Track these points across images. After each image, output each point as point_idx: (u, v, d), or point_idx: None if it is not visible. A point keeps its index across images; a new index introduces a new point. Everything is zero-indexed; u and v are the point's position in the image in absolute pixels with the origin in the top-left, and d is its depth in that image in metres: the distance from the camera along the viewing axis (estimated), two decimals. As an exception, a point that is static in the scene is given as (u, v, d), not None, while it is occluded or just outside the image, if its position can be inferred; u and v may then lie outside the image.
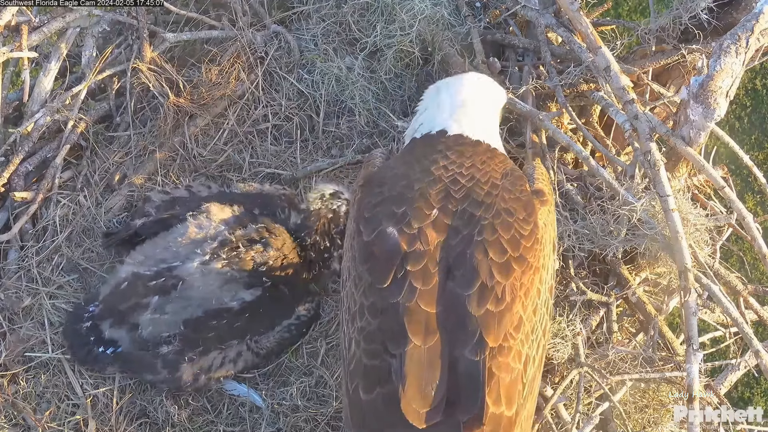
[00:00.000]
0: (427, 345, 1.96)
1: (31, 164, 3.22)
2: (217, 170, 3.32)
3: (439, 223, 2.11)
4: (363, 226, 2.15)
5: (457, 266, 2.05)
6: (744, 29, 2.57)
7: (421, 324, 1.97)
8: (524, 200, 2.21)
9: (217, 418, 2.86)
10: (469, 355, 1.96)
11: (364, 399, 2.01)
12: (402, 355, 1.95)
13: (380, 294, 2.03)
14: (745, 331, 2.50)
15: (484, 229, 2.10)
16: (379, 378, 1.99)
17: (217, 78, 3.28)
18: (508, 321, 2.02)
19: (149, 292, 2.78)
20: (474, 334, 1.97)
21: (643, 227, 2.61)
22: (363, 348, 2.04)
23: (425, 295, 2.00)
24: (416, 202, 2.14)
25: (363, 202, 2.24)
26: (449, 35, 3.29)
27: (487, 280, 2.02)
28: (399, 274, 2.03)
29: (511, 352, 2.01)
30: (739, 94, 5.14)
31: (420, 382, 1.93)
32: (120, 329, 2.82)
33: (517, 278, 2.06)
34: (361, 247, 2.13)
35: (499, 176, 2.25)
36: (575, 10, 2.92)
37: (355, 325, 2.09)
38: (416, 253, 2.05)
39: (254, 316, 2.82)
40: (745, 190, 4.78)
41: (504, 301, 2.02)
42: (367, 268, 2.09)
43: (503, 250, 2.07)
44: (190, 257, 2.79)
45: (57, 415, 2.79)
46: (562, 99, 3.03)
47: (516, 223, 2.13)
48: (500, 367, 1.98)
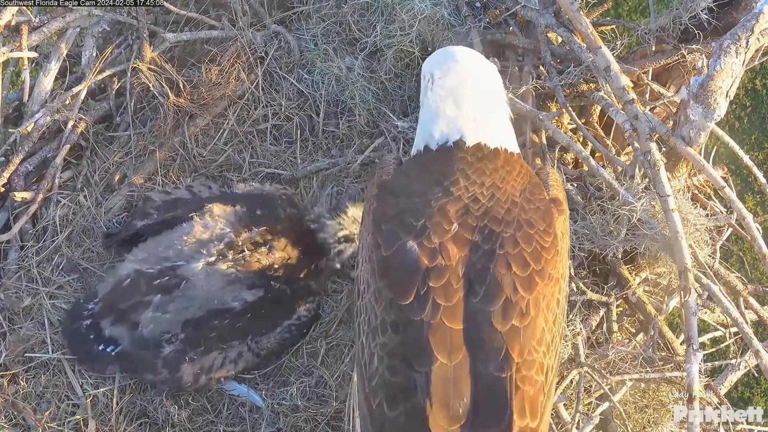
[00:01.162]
0: (453, 362, 1.94)
1: (31, 164, 3.22)
2: (217, 170, 3.32)
3: (459, 237, 2.07)
4: (381, 239, 2.11)
5: (479, 281, 2.02)
6: (744, 29, 2.57)
7: (446, 341, 1.95)
8: (543, 210, 2.19)
9: (217, 418, 2.86)
10: (495, 372, 1.95)
11: (389, 415, 1.99)
12: (428, 374, 1.93)
13: (402, 311, 2.00)
14: (745, 331, 2.51)
15: (505, 242, 2.07)
16: (402, 394, 1.97)
17: (217, 78, 3.28)
18: (531, 335, 2.00)
19: (152, 290, 2.78)
20: (500, 351, 1.96)
21: (643, 227, 2.61)
22: (386, 364, 2.02)
23: (449, 312, 1.98)
24: (434, 216, 2.10)
25: (378, 213, 2.20)
26: (449, 35, 3.29)
27: (511, 295, 2.00)
28: (422, 290, 2.00)
29: (534, 365, 2.00)
30: (739, 94, 5.13)
31: (447, 399, 1.92)
32: (120, 327, 2.82)
33: (540, 291, 2.04)
34: (380, 261, 2.09)
35: (518, 192, 2.21)
36: (575, 10, 2.92)
37: (377, 340, 2.06)
38: (438, 269, 2.02)
39: (256, 317, 2.83)
40: (745, 190, 4.78)
41: (528, 315, 2.01)
42: (387, 284, 2.06)
43: (526, 264, 2.05)
44: (195, 257, 2.80)
45: (57, 415, 2.79)
46: (562, 99, 3.03)
47: (537, 235, 2.11)
48: (524, 380, 1.97)
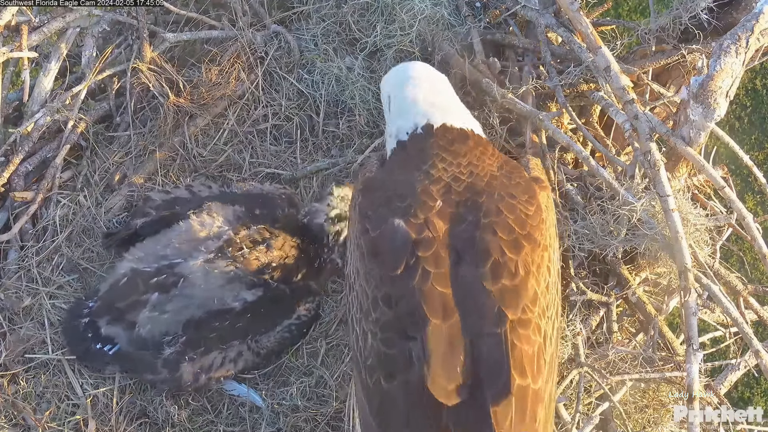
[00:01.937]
0: (447, 323, 1.95)
1: (31, 164, 3.22)
2: (217, 170, 3.32)
3: (443, 212, 2.11)
4: (369, 224, 2.15)
5: (466, 249, 2.05)
6: (744, 29, 2.57)
7: (439, 304, 1.97)
8: (524, 185, 2.24)
9: (217, 418, 2.86)
10: (490, 329, 1.95)
11: (386, 388, 1.99)
12: (423, 337, 1.94)
13: (393, 283, 2.03)
14: (745, 331, 2.50)
15: (489, 212, 2.11)
16: (399, 365, 1.97)
17: (217, 78, 3.28)
18: (524, 294, 2.02)
19: (149, 288, 2.78)
20: (492, 308, 1.97)
21: (643, 227, 2.61)
22: (380, 338, 2.03)
23: (439, 278, 2.00)
24: (419, 197, 2.15)
25: (364, 204, 2.23)
26: (449, 35, 3.29)
27: (499, 257, 2.03)
28: (411, 261, 2.02)
29: (531, 324, 2.00)
30: (739, 94, 5.13)
31: (444, 360, 1.92)
32: (117, 327, 2.82)
33: (528, 254, 2.06)
34: (369, 242, 2.13)
35: (496, 169, 2.28)
36: (575, 10, 2.92)
37: (370, 318, 2.07)
38: (426, 240, 2.05)
39: (255, 316, 2.83)
40: (745, 190, 4.78)
41: (518, 275, 2.02)
42: (378, 261, 2.08)
43: (511, 230, 2.08)
44: (193, 255, 2.80)
45: (57, 415, 2.79)
46: (562, 99, 3.03)
47: (520, 205, 2.15)
48: (521, 338, 1.97)
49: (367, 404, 2.07)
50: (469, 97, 3.14)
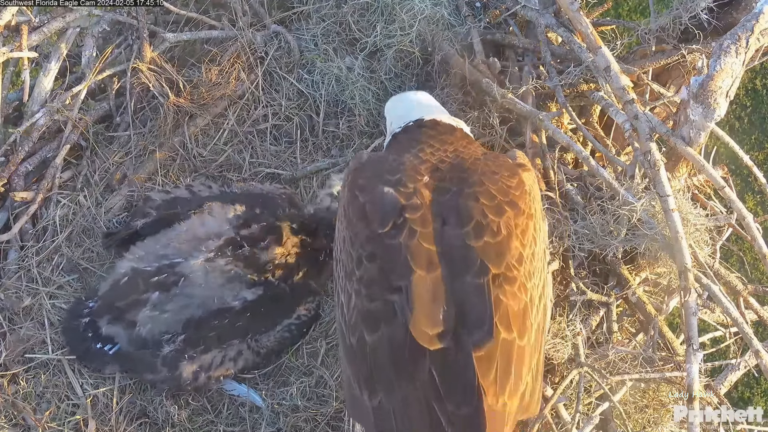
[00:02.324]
0: (432, 275, 2.00)
1: (31, 164, 3.22)
2: (217, 170, 3.32)
3: (430, 185, 2.20)
4: (359, 191, 2.22)
5: (450, 214, 2.12)
6: (744, 29, 2.57)
7: (424, 258, 2.02)
8: (507, 166, 2.31)
9: (217, 418, 2.86)
10: (472, 279, 2.00)
11: (369, 341, 2.01)
12: (407, 286, 1.98)
13: (380, 239, 2.08)
14: (745, 331, 2.50)
15: (473, 183, 2.18)
16: (382, 317, 2.01)
17: (217, 78, 3.28)
18: (507, 252, 2.07)
19: (149, 287, 2.78)
20: (475, 262, 2.02)
21: (643, 227, 2.61)
22: (364, 294, 2.06)
23: (425, 236, 2.06)
24: (407, 171, 2.23)
25: (356, 178, 2.29)
26: (449, 35, 3.29)
27: (481, 219, 2.09)
28: (398, 221, 2.09)
29: (516, 282, 2.04)
30: (739, 94, 5.13)
31: (428, 306, 1.96)
32: (117, 326, 2.83)
33: (510, 218, 2.12)
34: (358, 208, 2.19)
35: (480, 154, 2.38)
36: (575, 10, 2.92)
37: (354, 278, 2.11)
38: (413, 205, 2.12)
39: (255, 316, 2.83)
40: (745, 190, 4.78)
41: (500, 234, 2.08)
42: (365, 222, 2.14)
43: (493, 197, 2.15)
44: (194, 254, 2.80)
45: (57, 415, 2.79)
46: (562, 99, 3.03)
47: (502, 179, 2.22)
48: (506, 294, 2.01)
49: (350, 366, 2.09)
50: (469, 97, 3.14)
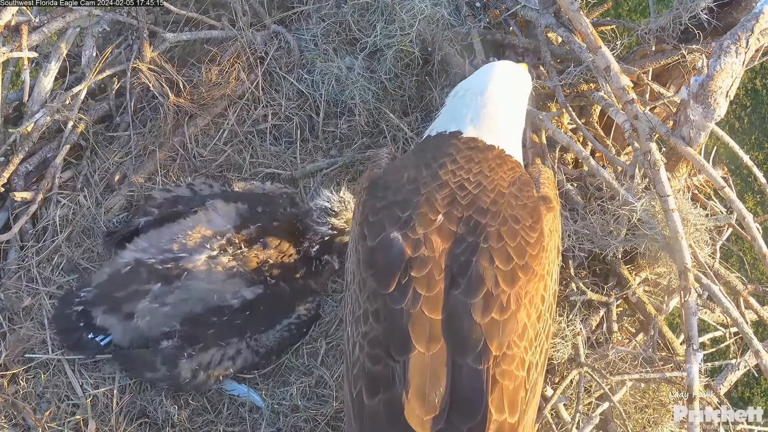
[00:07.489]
0: (431, 352, 1.96)
1: (31, 164, 3.22)
2: (217, 170, 3.32)
3: (444, 229, 2.10)
4: (367, 230, 2.15)
5: (461, 274, 2.04)
6: (744, 29, 2.57)
7: (425, 331, 1.98)
8: (531, 207, 2.21)
9: (217, 418, 2.86)
10: (473, 364, 1.97)
11: (367, 404, 2.01)
12: (405, 362, 1.95)
13: (384, 300, 2.03)
14: (745, 331, 2.50)
15: (489, 236, 2.09)
16: (382, 383, 1.99)
17: (217, 78, 3.28)
18: (512, 329, 2.02)
19: (152, 278, 2.79)
20: (478, 343, 1.98)
21: (643, 227, 2.61)
22: (366, 352, 2.04)
23: (429, 302, 2.00)
24: (421, 207, 2.13)
25: (367, 205, 2.23)
26: (449, 35, 3.29)
27: (492, 288, 2.02)
28: (403, 280, 2.02)
29: (515, 360, 2.01)
30: (739, 94, 5.13)
31: (423, 389, 1.94)
32: (112, 317, 2.82)
33: (522, 287, 2.06)
34: (366, 252, 2.13)
35: (507, 184, 2.23)
36: (575, 10, 2.91)
37: (360, 329, 2.09)
38: (421, 259, 2.04)
39: (254, 314, 2.84)
40: (745, 190, 4.78)
41: (509, 309, 2.02)
42: (372, 273, 2.09)
43: (509, 258, 2.07)
44: (198, 250, 2.81)
45: (57, 415, 2.79)
46: (562, 99, 3.03)
47: (522, 231, 2.13)
48: (504, 374, 1.99)
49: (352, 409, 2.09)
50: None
